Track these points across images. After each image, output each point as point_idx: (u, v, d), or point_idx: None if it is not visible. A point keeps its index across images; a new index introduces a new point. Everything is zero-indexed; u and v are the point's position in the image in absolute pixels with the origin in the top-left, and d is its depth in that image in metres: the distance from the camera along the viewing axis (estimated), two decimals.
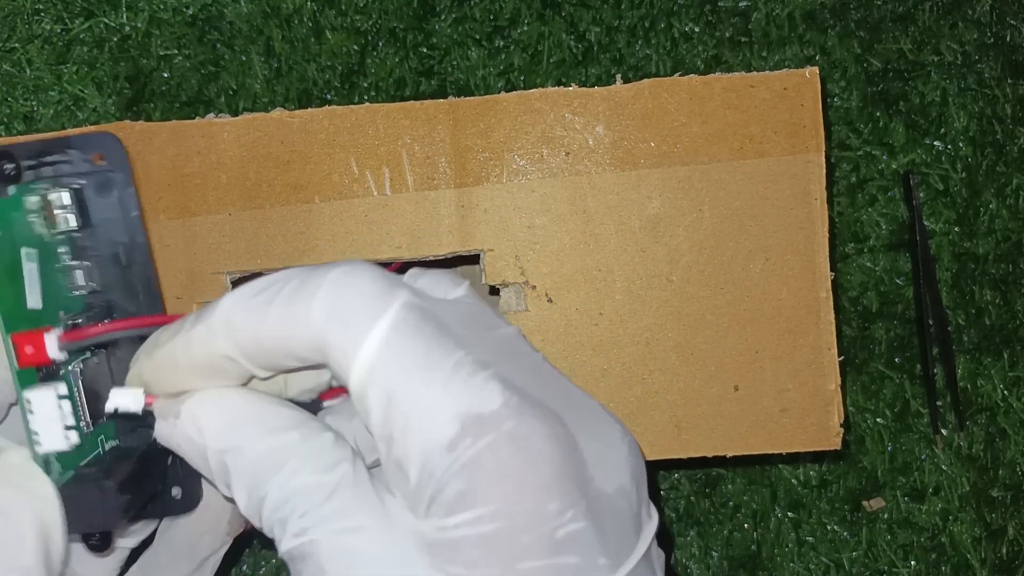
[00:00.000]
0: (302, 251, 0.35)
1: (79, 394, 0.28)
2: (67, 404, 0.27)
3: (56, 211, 0.28)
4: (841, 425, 0.35)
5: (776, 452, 0.35)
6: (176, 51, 0.56)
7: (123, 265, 0.30)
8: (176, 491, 0.30)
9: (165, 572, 0.30)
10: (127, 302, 0.30)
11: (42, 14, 0.56)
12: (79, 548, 0.28)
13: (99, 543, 0.28)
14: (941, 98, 0.58)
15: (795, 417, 0.35)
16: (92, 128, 0.32)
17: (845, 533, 0.57)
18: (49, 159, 0.29)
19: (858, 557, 0.57)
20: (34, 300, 0.27)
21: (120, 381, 0.29)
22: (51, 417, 0.26)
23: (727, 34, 0.57)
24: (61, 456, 0.27)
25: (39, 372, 0.27)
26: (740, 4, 0.58)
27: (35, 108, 0.56)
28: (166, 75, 0.56)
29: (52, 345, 0.26)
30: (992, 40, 0.58)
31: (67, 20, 0.56)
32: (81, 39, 0.56)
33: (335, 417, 0.27)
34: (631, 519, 0.22)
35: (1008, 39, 0.58)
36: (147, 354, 0.25)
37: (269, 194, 0.35)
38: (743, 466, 0.57)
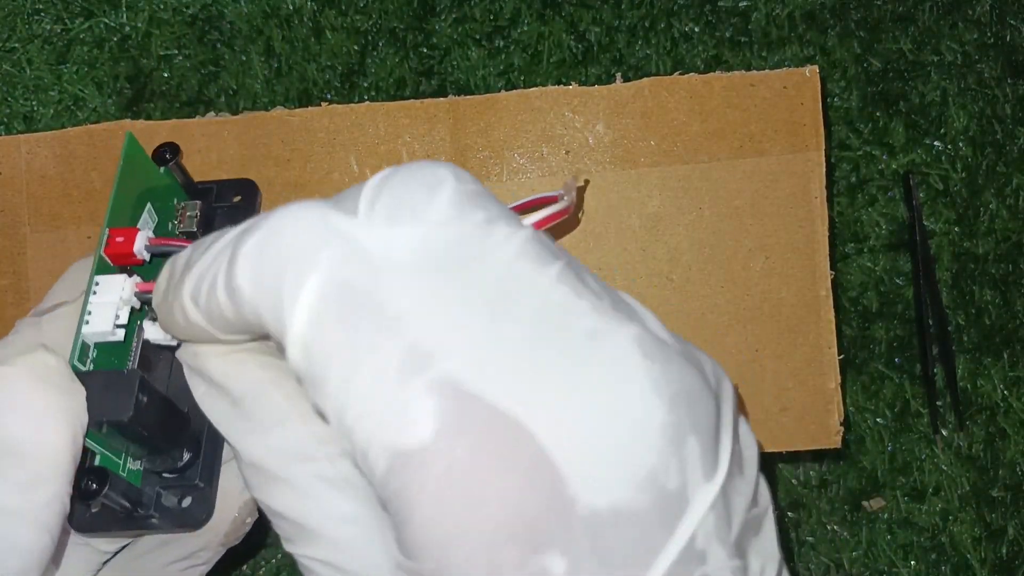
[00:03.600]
0: None
1: (137, 343, 0.29)
2: (126, 314, 0.28)
3: (187, 214, 0.32)
4: (841, 424, 0.35)
5: (776, 451, 0.35)
6: (176, 51, 0.56)
7: None
8: (187, 501, 0.28)
9: None
10: None
11: (42, 14, 0.56)
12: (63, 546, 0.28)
13: (94, 484, 0.26)
14: (941, 98, 0.58)
15: (795, 416, 0.35)
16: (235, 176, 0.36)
17: (845, 533, 0.57)
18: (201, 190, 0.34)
19: (858, 557, 0.57)
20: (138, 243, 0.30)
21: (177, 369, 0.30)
22: (110, 303, 0.27)
23: (727, 34, 0.57)
24: (101, 349, 0.28)
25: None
26: (740, 4, 0.58)
27: (35, 108, 0.56)
28: (166, 75, 0.56)
29: (141, 241, 0.28)
30: (992, 40, 0.58)
31: (67, 20, 0.56)
32: (81, 39, 0.56)
33: None
34: (644, 526, 0.18)
35: (1008, 39, 0.58)
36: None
37: (269, 193, 0.35)
38: None
